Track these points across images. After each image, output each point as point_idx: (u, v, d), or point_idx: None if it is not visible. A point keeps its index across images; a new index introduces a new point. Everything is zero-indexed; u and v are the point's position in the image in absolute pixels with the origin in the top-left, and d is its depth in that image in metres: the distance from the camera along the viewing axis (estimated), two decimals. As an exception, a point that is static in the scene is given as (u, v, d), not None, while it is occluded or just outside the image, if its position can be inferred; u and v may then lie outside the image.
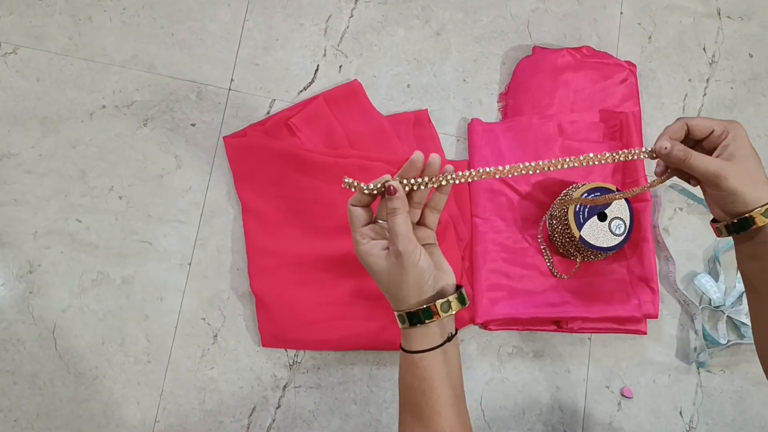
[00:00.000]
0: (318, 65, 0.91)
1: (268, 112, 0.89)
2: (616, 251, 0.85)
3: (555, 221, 0.86)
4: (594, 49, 0.96)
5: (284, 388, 0.82)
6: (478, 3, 0.97)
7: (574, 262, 0.88)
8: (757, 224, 0.51)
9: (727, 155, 0.51)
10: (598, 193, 0.84)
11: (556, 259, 0.88)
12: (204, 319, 0.82)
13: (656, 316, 0.87)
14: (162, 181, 0.84)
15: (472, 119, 0.92)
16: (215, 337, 0.82)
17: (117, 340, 0.80)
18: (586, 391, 0.88)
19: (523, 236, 0.88)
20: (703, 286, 0.91)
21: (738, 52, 1.03)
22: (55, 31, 0.86)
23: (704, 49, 1.02)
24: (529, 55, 0.95)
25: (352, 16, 0.94)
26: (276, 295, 0.81)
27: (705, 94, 1.00)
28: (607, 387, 0.89)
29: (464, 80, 0.94)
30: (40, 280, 0.80)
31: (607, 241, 0.83)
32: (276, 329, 0.81)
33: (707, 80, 1.01)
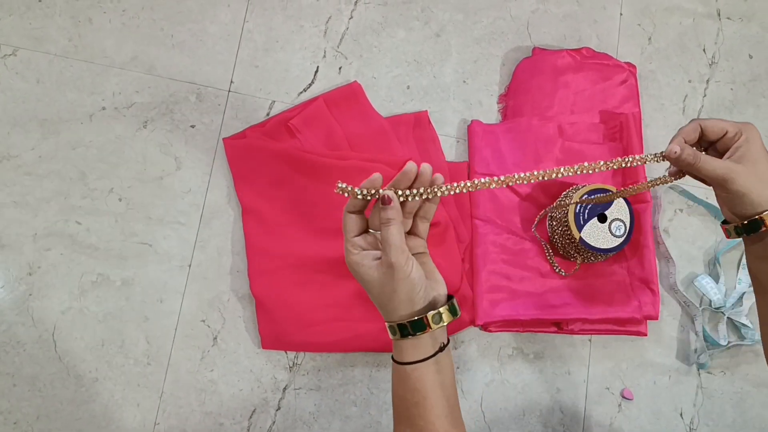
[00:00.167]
0: (318, 67, 0.91)
1: (268, 114, 0.89)
2: (616, 253, 0.85)
3: (555, 222, 0.86)
4: (594, 51, 0.96)
5: (284, 390, 0.82)
6: (478, 4, 0.97)
7: (574, 263, 0.88)
8: (767, 226, 0.51)
9: (738, 157, 0.52)
10: (599, 195, 0.84)
11: (556, 260, 0.88)
12: (204, 321, 0.82)
13: (656, 318, 0.87)
14: (162, 183, 0.84)
15: (472, 120, 0.92)
16: (215, 339, 0.82)
17: (117, 342, 0.80)
18: (586, 393, 0.88)
19: (523, 238, 0.88)
20: (703, 288, 0.91)
21: (738, 53, 1.03)
22: (55, 33, 0.86)
23: (704, 50, 1.02)
24: (529, 56, 0.95)
25: (351, 18, 0.94)
26: (276, 297, 0.81)
27: (705, 95, 1.00)
28: (608, 388, 0.88)
29: (464, 81, 0.94)
30: (39, 282, 0.80)
31: (607, 242, 0.83)
32: (276, 331, 0.81)
33: (707, 81, 1.01)
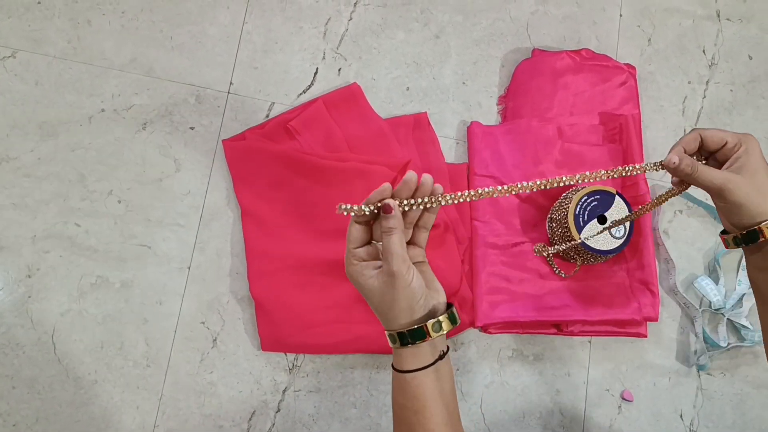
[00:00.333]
0: (317, 68, 0.91)
1: (267, 116, 0.89)
2: (616, 254, 0.85)
3: (555, 224, 0.86)
4: (593, 52, 0.96)
5: (284, 392, 0.82)
6: (477, 6, 0.97)
7: (574, 265, 0.88)
8: (765, 236, 0.51)
9: (737, 168, 0.52)
10: (598, 196, 0.84)
11: (556, 261, 0.88)
12: (203, 323, 0.82)
13: (656, 319, 0.87)
14: (161, 185, 0.84)
15: (472, 122, 0.92)
16: (215, 341, 0.82)
17: (116, 344, 0.80)
18: (586, 395, 0.88)
19: (522, 239, 0.88)
20: (703, 289, 0.91)
21: (737, 54, 1.03)
22: (54, 35, 0.86)
23: (704, 52, 1.02)
24: (529, 57, 0.95)
25: (351, 19, 0.94)
26: (275, 299, 0.81)
27: (704, 97, 1.00)
28: (608, 390, 0.88)
29: (464, 83, 0.94)
30: (39, 284, 0.80)
31: (607, 244, 0.83)
32: (275, 333, 0.80)
33: (707, 83, 1.01)
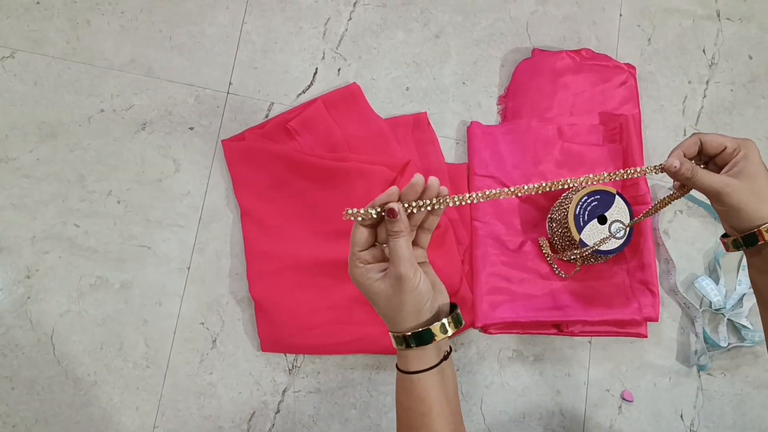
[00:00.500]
0: (317, 68, 0.91)
1: (267, 116, 0.88)
2: (616, 254, 0.85)
3: (555, 224, 0.85)
4: (593, 52, 0.96)
5: (284, 392, 0.82)
6: (477, 6, 0.97)
7: (574, 265, 0.87)
8: (765, 239, 0.52)
9: (735, 172, 0.53)
10: (598, 196, 0.84)
11: (556, 261, 0.88)
12: (203, 324, 0.82)
13: (656, 320, 0.86)
14: (160, 185, 0.84)
15: (472, 122, 0.92)
16: (214, 341, 0.81)
17: (115, 345, 0.80)
18: (586, 395, 0.88)
19: (523, 239, 0.88)
20: (703, 289, 0.91)
21: (737, 54, 1.02)
22: (53, 35, 0.86)
23: (704, 51, 1.02)
24: (529, 57, 0.95)
25: (350, 19, 0.93)
26: (275, 300, 0.81)
27: (705, 96, 1.00)
28: (608, 390, 0.88)
29: (463, 83, 0.94)
30: (38, 285, 0.79)
31: (608, 244, 0.83)
32: (275, 334, 0.80)
33: (707, 82, 1.01)
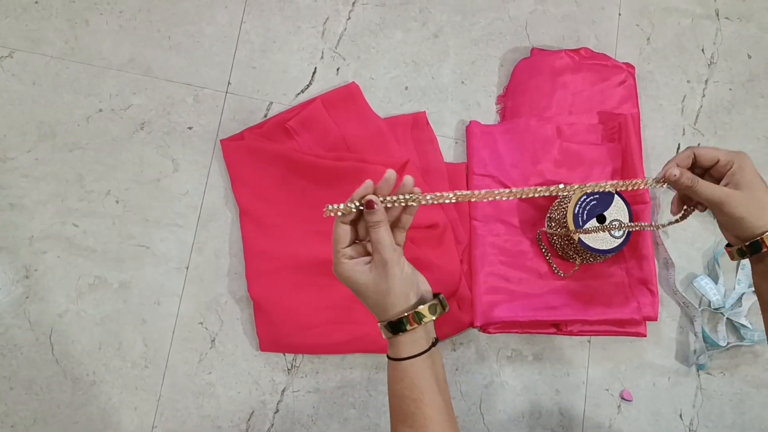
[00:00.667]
0: (315, 68, 0.91)
1: (266, 115, 0.88)
2: (615, 254, 0.85)
3: (554, 223, 0.85)
4: (592, 51, 0.96)
5: (282, 392, 0.82)
6: (476, 5, 0.97)
7: (573, 264, 0.87)
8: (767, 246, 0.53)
9: (734, 184, 0.54)
10: (597, 195, 0.84)
11: (555, 261, 0.88)
12: (201, 324, 0.82)
13: (656, 319, 0.86)
14: (159, 185, 0.84)
15: (471, 121, 0.92)
16: (213, 341, 0.81)
17: (114, 344, 0.80)
18: (585, 395, 0.88)
19: (522, 239, 0.88)
20: (702, 288, 0.91)
21: (736, 53, 1.02)
22: (52, 35, 0.86)
23: (703, 51, 1.02)
24: (528, 57, 0.95)
25: (349, 19, 0.93)
26: (274, 299, 0.81)
27: (704, 96, 1.00)
28: (607, 390, 0.88)
29: (462, 82, 0.94)
30: (36, 285, 0.79)
31: (606, 243, 0.83)
32: (274, 333, 0.80)
33: (706, 82, 1.01)
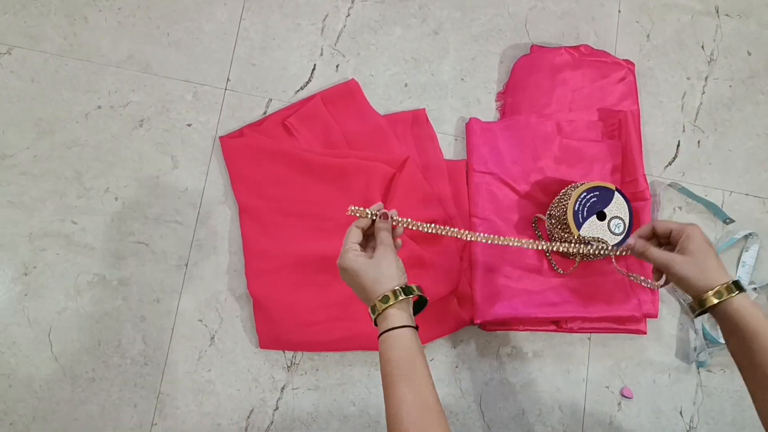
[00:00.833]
0: (315, 65, 0.91)
1: (265, 112, 0.88)
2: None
3: (554, 220, 0.85)
4: (592, 48, 0.96)
5: (282, 389, 0.82)
6: (475, 2, 0.97)
7: (573, 261, 0.87)
8: (711, 303, 0.60)
9: (680, 249, 0.64)
10: (597, 192, 0.83)
11: (555, 258, 0.88)
12: (201, 321, 0.81)
13: (656, 316, 0.86)
14: (158, 182, 0.84)
15: (470, 118, 0.92)
16: (212, 338, 0.81)
17: (113, 342, 0.79)
18: (585, 392, 0.87)
19: (521, 236, 0.88)
20: (702, 285, 0.90)
21: (736, 50, 1.02)
22: (51, 32, 0.86)
23: (703, 47, 1.02)
24: (527, 53, 0.95)
25: (349, 15, 0.93)
26: (274, 297, 0.81)
27: (704, 93, 1.00)
28: (607, 387, 0.88)
29: (462, 79, 0.94)
30: (35, 282, 0.79)
31: (607, 240, 0.83)
32: (274, 331, 0.80)
33: (706, 78, 1.00)
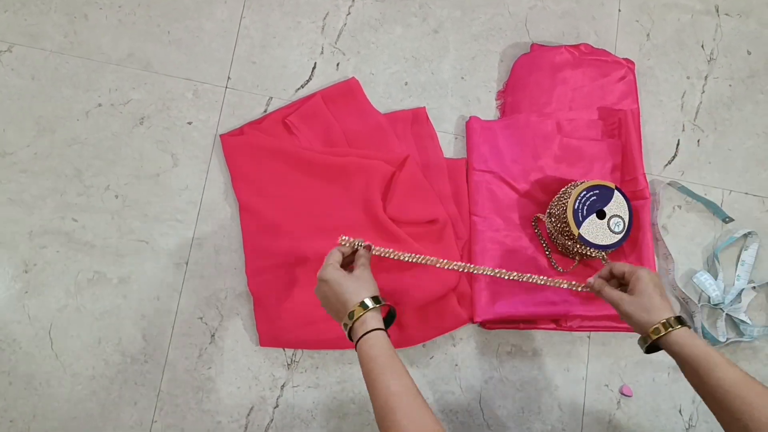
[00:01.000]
0: (315, 63, 0.91)
1: (265, 111, 0.88)
2: (615, 249, 0.85)
3: (554, 219, 0.85)
4: (592, 47, 0.96)
5: (282, 387, 0.82)
6: (476, 1, 0.97)
7: (573, 260, 0.87)
8: (651, 339, 0.66)
9: (631, 290, 0.71)
10: (597, 191, 0.84)
11: (555, 257, 0.88)
12: (201, 319, 0.81)
13: (655, 315, 0.86)
14: (158, 180, 0.84)
15: (471, 117, 0.92)
16: (213, 336, 0.81)
17: (114, 339, 0.79)
18: (585, 390, 0.88)
19: (521, 234, 0.88)
20: (702, 284, 0.91)
21: (736, 49, 1.02)
22: (51, 30, 0.86)
23: (702, 47, 1.02)
24: (527, 52, 0.95)
25: (349, 14, 0.93)
26: (274, 295, 0.81)
27: (703, 92, 1.00)
28: (607, 385, 0.88)
29: (462, 78, 0.94)
30: (35, 280, 0.79)
31: (606, 239, 0.83)
32: (274, 329, 0.80)
33: (705, 78, 1.01)
